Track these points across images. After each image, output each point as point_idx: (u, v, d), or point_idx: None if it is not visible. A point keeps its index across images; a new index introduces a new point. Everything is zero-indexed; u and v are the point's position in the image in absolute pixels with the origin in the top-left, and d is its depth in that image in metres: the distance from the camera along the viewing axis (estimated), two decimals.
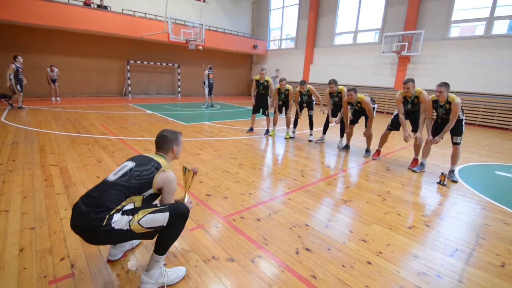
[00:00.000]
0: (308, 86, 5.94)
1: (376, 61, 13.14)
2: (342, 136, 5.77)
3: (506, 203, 3.31)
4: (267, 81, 6.34)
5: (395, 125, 4.68)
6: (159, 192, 1.76)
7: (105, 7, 12.43)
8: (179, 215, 1.66)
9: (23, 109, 8.40)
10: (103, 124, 6.77)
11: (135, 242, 2.14)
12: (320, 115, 8.27)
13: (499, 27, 10.08)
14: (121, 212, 1.54)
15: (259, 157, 4.82)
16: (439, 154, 5.46)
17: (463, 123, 4.03)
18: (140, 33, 12.85)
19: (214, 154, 4.73)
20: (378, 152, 5.02)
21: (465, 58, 10.47)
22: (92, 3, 12.02)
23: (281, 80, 6.13)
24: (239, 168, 4.09)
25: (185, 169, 1.94)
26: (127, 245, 2.06)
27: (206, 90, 11.42)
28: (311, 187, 3.51)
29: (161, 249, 1.68)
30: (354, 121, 5.33)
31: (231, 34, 16.84)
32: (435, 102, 4.04)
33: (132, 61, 14.32)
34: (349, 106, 5.31)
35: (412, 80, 4.28)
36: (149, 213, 1.58)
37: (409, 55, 11.73)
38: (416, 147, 4.52)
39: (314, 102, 6.15)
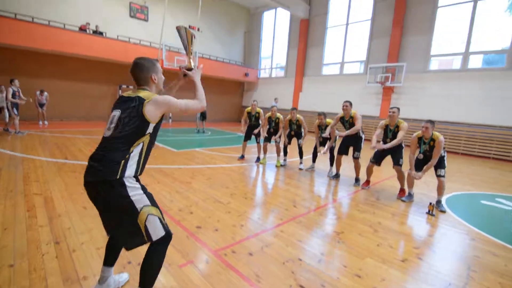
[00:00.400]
0: (298, 116, 6.09)
1: (362, 91, 13.72)
2: (332, 165, 5.85)
3: (494, 233, 3.37)
4: (258, 113, 6.47)
5: (377, 158, 4.79)
6: (162, 119, 1.72)
7: (101, 33, 12.72)
8: (166, 237, 1.67)
9: (22, 134, 8.14)
10: (92, 150, 6.64)
11: (121, 280, 2.04)
12: (309, 143, 8.40)
13: (475, 61, 10.83)
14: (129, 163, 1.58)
15: (251, 186, 4.80)
16: (424, 183, 5.58)
17: (445, 159, 4.18)
18: (133, 58, 13.05)
19: (206, 183, 4.68)
20: (367, 182, 5.10)
21: (445, 90, 11.09)
22: (88, 28, 12.30)
23: (272, 107, 6.29)
24: (231, 197, 4.05)
25: (181, 29, 1.81)
26: (112, 284, 1.96)
27: (198, 115, 11.55)
28: (303, 217, 3.49)
29: (148, 282, 1.67)
30: (343, 151, 5.40)
31: (224, 62, 17.39)
32: (419, 139, 4.22)
33: (124, 86, 14.43)
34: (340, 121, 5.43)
35: (398, 108, 4.55)
36: (158, 218, 1.64)
37: (393, 86, 12.34)
38: (400, 179, 4.60)
39: (302, 133, 6.25)
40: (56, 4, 12.08)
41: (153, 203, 1.68)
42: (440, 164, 4.14)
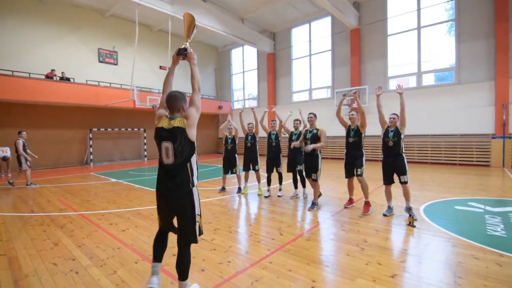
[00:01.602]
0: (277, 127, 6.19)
1: (331, 113, 14.35)
2: (295, 187, 5.92)
3: (472, 237, 3.51)
4: (234, 136, 6.57)
5: (349, 171, 4.91)
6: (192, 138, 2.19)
7: (68, 79, 12.56)
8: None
9: (33, 186, 7.98)
10: (61, 199, 6.24)
11: None
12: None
13: (428, 79, 11.93)
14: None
15: (234, 219, 4.69)
16: (399, 194, 5.77)
17: (405, 161, 4.42)
18: (104, 101, 12.94)
19: None
20: (350, 200, 5.17)
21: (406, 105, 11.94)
22: (55, 75, 12.11)
23: (248, 124, 6.47)
24: (215, 233, 3.91)
25: (189, 16, 2.38)
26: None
27: None
28: (290, 245, 3.44)
29: (185, 274, 2.21)
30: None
31: None
32: (388, 127, 4.61)
33: (95, 129, 14.05)
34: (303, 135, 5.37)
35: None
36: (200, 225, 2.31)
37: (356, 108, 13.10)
38: (388, 195, 4.65)
39: (281, 158, 6.28)
40: (19, 55, 11.91)
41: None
42: (401, 171, 4.37)
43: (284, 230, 4.00)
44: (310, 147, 4.87)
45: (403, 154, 4.47)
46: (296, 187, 5.96)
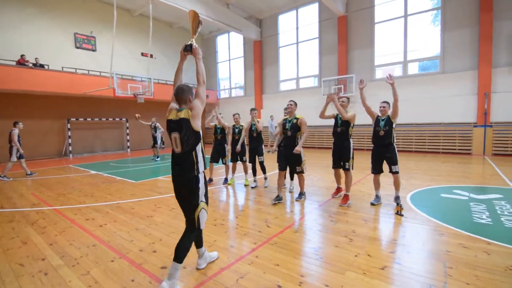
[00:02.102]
0: (258, 119, 5.96)
1: (318, 102, 14.31)
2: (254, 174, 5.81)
3: (458, 225, 3.50)
4: (223, 126, 6.33)
5: (336, 162, 4.78)
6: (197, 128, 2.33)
7: (42, 66, 11.77)
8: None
9: (32, 174, 8.20)
10: (34, 193, 5.85)
11: (213, 256, 2.79)
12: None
13: (413, 68, 11.98)
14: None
15: (220, 210, 4.51)
16: (388, 183, 5.77)
17: (396, 151, 4.37)
18: (82, 90, 12.28)
19: (170, 214, 4.30)
20: (338, 189, 5.09)
21: (391, 95, 11.99)
22: (27, 62, 11.31)
23: (234, 115, 6.22)
24: None
25: (194, 14, 2.51)
26: (208, 258, 2.71)
27: (159, 141, 11.06)
28: (277, 238, 3.31)
29: (178, 257, 2.26)
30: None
31: None
32: (378, 117, 4.55)
33: (73, 119, 13.38)
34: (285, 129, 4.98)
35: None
36: (205, 211, 2.43)
37: (346, 96, 13.07)
38: (376, 184, 4.57)
39: (263, 148, 6.10)
40: None
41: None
42: (392, 161, 4.30)
43: (271, 222, 3.87)
44: (298, 150, 4.42)
45: (394, 144, 4.40)
46: (254, 174, 6.08)
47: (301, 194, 4.93)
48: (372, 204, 4.47)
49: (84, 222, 4.00)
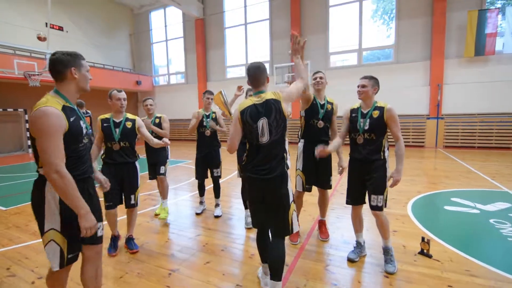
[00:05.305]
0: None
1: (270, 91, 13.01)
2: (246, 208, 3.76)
3: (496, 263, 2.35)
4: (159, 118, 4.23)
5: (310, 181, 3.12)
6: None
7: None
8: None
9: None
10: None
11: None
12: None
13: (368, 57, 11.46)
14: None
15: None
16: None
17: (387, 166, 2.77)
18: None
19: None
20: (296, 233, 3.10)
21: (345, 85, 11.26)
22: None
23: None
24: None
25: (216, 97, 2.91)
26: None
27: None
28: None
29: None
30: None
31: (104, 69, 13.89)
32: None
33: None
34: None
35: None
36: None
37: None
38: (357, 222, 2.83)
39: (219, 147, 4.32)
40: None
41: None
42: (378, 189, 2.56)
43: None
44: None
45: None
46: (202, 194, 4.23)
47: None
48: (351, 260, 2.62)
49: None
